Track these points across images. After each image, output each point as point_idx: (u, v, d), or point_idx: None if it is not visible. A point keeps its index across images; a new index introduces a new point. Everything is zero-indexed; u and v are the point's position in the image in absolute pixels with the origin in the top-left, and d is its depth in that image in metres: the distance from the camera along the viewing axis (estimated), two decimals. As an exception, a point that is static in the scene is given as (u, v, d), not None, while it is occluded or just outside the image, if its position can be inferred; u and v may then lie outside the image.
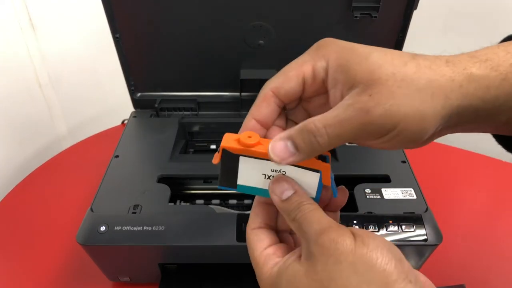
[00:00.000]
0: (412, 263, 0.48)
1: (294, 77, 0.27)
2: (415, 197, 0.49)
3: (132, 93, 0.68)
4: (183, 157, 0.62)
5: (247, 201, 0.55)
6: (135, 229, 0.44)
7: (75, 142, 0.83)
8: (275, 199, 0.27)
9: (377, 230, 0.45)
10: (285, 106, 0.29)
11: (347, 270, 0.23)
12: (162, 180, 0.53)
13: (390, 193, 0.50)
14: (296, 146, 0.25)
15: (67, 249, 0.59)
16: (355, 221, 0.45)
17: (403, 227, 0.45)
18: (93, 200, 0.49)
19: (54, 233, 0.62)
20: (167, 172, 0.54)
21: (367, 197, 0.49)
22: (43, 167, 0.77)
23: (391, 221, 0.45)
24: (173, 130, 0.63)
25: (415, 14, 0.58)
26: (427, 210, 0.47)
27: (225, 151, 0.27)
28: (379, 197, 0.49)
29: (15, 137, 0.83)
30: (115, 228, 0.44)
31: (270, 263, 0.27)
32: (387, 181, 0.52)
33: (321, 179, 0.27)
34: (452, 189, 0.71)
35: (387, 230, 0.45)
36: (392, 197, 0.49)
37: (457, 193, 0.71)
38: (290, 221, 0.26)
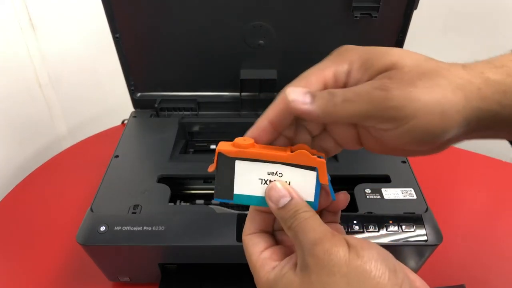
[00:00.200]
0: (412, 263, 0.48)
1: (315, 82, 0.27)
2: (415, 197, 0.49)
3: (132, 93, 0.68)
4: (183, 157, 0.62)
5: (247, 201, 0.55)
6: (135, 229, 0.44)
7: (75, 142, 0.83)
8: (272, 207, 0.27)
9: (377, 230, 0.45)
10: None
11: (341, 282, 0.23)
12: (162, 180, 0.53)
13: (390, 193, 0.50)
14: (313, 96, 0.25)
15: (67, 249, 0.59)
16: (355, 221, 0.45)
17: (403, 227, 0.45)
18: (93, 200, 0.49)
19: (54, 233, 0.62)
20: (167, 172, 0.54)
21: (367, 197, 0.49)
22: (43, 167, 0.77)
23: (391, 221, 0.45)
24: (173, 130, 0.63)
25: (415, 14, 0.58)
26: (427, 210, 0.47)
27: (220, 155, 0.27)
28: (379, 197, 0.49)
29: (15, 137, 0.83)
30: (115, 228, 0.44)
31: (266, 268, 0.27)
32: (387, 181, 0.52)
33: (318, 178, 0.27)
34: (452, 189, 0.71)
35: (387, 230, 0.45)
36: (392, 197, 0.49)
37: (457, 193, 0.71)
38: (286, 229, 0.26)
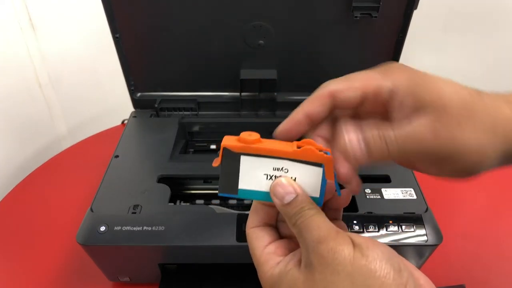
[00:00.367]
0: (412, 263, 0.48)
1: (358, 88, 0.27)
2: (415, 197, 0.49)
3: (132, 93, 0.68)
4: (183, 157, 0.62)
5: (247, 201, 0.55)
6: (135, 229, 0.44)
7: (75, 142, 0.83)
8: (277, 203, 0.27)
9: (377, 230, 0.45)
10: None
11: (345, 281, 0.23)
12: (162, 180, 0.53)
13: (390, 193, 0.50)
14: (367, 144, 0.26)
15: (67, 249, 0.59)
16: (355, 221, 0.45)
17: (403, 227, 0.45)
18: (93, 200, 0.49)
19: (54, 233, 0.62)
20: (167, 172, 0.54)
21: (367, 197, 0.49)
22: (43, 167, 0.77)
23: (391, 221, 0.45)
24: (173, 130, 0.63)
25: (415, 14, 0.58)
26: (427, 210, 0.47)
27: (226, 150, 0.27)
28: (379, 197, 0.49)
29: (15, 137, 0.83)
30: (115, 228, 0.44)
31: (271, 263, 0.27)
32: (387, 181, 0.52)
33: (324, 174, 0.27)
34: (452, 189, 0.71)
35: (387, 230, 0.45)
36: (392, 197, 0.49)
37: (457, 193, 0.71)
38: (291, 225, 0.26)
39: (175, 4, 0.58)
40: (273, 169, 0.27)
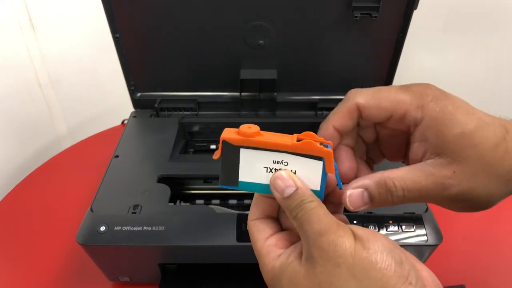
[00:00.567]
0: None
1: (386, 109, 0.27)
2: (415, 197, 0.49)
3: (132, 93, 0.68)
4: (183, 157, 0.62)
5: (247, 201, 0.55)
6: (135, 229, 0.44)
7: (75, 142, 0.83)
8: (277, 196, 0.27)
9: (377, 230, 0.45)
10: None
11: (346, 273, 0.23)
12: (162, 180, 0.53)
13: (390, 193, 0.50)
14: (371, 197, 0.27)
15: (67, 249, 0.59)
16: (355, 221, 0.45)
17: (403, 227, 0.45)
18: (93, 200, 0.49)
19: (54, 233, 0.62)
20: (167, 172, 0.54)
21: (367, 197, 0.49)
22: (43, 167, 0.77)
23: (391, 221, 0.45)
24: (173, 130, 0.63)
25: (415, 14, 0.58)
26: (427, 210, 0.47)
27: (225, 143, 0.27)
28: (379, 197, 0.49)
29: (15, 137, 0.83)
30: (115, 228, 0.44)
31: (272, 255, 0.27)
32: (387, 181, 0.52)
33: (324, 167, 0.27)
34: (452, 189, 0.71)
35: (387, 230, 0.45)
36: (392, 197, 0.49)
37: (457, 193, 0.71)
38: (292, 218, 0.26)
39: (175, 4, 0.58)
40: (273, 162, 0.27)
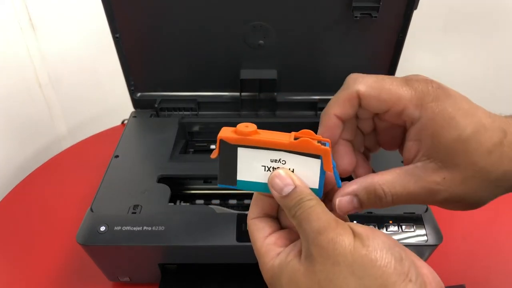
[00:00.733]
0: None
1: (385, 102, 0.27)
2: (415, 197, 0.49)
3: (132, 93, 0.68)
4: (183, 157, 0.62)
5: (247, 201, 0.55)
6: (135, 229, 0.44)
7: (75, 142, 0.83)
8: (275, 195, 0.27)
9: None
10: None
11: (345, 271, 0.23)
12: (162, 180, 0.53)
13: (390, 193, 0.50)
14: (360, 202, 0.27)
15: (67, 249, 0.59)
16: (355, 221, 0.45)
17: (403, 227, 0.45)
18: (93, 200, 0.49)
19: (54, 233, 0.62)
20: (167, 172, 0.54)
21: (367, 197, 0.49)
22: (43, 167, 0.77)
23: (391, 221, 0.45)
24: (173, 130, 0.63)
25: (415, 14, 0.58)
26: (427, 210, 0.47)
27: (222, 142, 0.27)
28: (379, 197, 0.49)
29: (15, 137, 0.83)
30: (115, 228, 0.44)
31: (271, 254, 0.27)
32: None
33: (322, 166, 0.26)
34: (452, 189, 0.71)
35: (387, 230, 0.45)
36: (392, 197, 0.49)
37: (457, 193, 0.71)
38: (290, 217, 0.26)
39: (175, 4, 0.58)
40: (271, 160, 0.27)
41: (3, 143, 0.80)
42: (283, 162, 0.27)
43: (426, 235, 0.45)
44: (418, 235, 0.45)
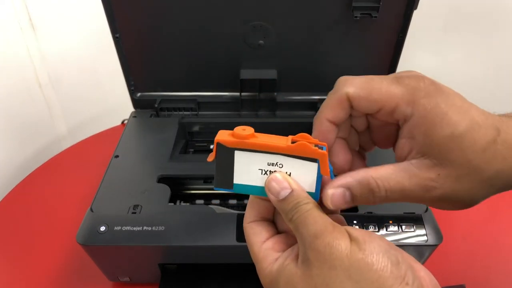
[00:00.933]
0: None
1: (376, 102, 0.26)
2: (415, 197, 0.49)
3: (132, 93, 0.68)
4: (183, 157, 0.62)
5: (247, 201, 0.55)
6: (135, 229, 0.44)
7: (75, 142, 0.83)
8: (272, 199, 0.27)
9: (377, 230, 0.45)
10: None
11: (342, 275, 0.23)
12: (162, 180, 0.53)
13: (390, 193, 0.50)
14: (353, 197, 0.26)
15: (67, 249, 0.59)
16: (355, 221, 0.45)
17: (403, 227, 0.45)
18: (93, 200, 0.49)
19: (54, 233, 0.62)
20: (167, 172, 0.54)
21: (367, 197, 0.49)
22: (43, 167, 0.77)
23: (391, 221, 0.45)
24: (173, 130, 0.63)
25: (415, 14, 0.58)
26: (427, 210, 0.47)
27: (219, 145, 0.27)
28: (379, 197, 0.49)
29: (15, 137, 0.83)
30: (115, 228, 0.44)
31: (269, 259, 0.27)
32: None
33: (319, 169, 0.26)
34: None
35: (387, 230, 0.45)
36: (392, 197, 0.49)
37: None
38: (287, 221, 0.26)
39: (175, 4, 0.58)
40: (268, 164, 0.27)
41: (3, 143, 0.80)
42: (280, 165, 0.27)
43: (426, 235, 0.45)
44: (418, 235, 0.45)
